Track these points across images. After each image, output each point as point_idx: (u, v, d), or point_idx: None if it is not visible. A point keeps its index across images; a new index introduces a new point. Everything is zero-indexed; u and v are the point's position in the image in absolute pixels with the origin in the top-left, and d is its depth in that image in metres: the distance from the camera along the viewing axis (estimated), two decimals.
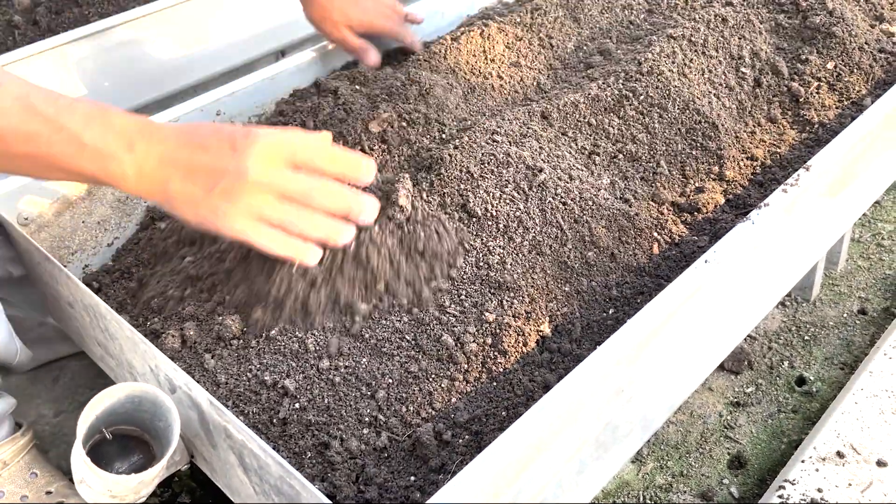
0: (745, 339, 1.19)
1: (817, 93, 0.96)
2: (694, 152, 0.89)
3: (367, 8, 1.07)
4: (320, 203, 0.68)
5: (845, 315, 1.23)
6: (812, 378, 1.09)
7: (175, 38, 1.50)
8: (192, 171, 0.67)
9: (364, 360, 0.72)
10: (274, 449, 0.64)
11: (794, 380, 1.08)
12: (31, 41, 1.55)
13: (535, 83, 0.98)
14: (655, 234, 0.82)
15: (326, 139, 0.69)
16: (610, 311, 0.78)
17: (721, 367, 1.11)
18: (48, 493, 0.83)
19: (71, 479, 0.63)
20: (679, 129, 0.89)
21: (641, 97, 0.90)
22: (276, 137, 0.67)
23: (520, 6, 1.08)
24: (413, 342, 0.73)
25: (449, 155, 0.82)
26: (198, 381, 0.71)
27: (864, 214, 1.43)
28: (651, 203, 0.84)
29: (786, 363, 1.13)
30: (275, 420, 0.71)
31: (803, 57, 0.97)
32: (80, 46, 1.36)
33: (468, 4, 1.40)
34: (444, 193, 0.80)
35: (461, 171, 0.81)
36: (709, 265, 0.69)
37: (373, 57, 1.06)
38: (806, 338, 1.19)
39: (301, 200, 0.67)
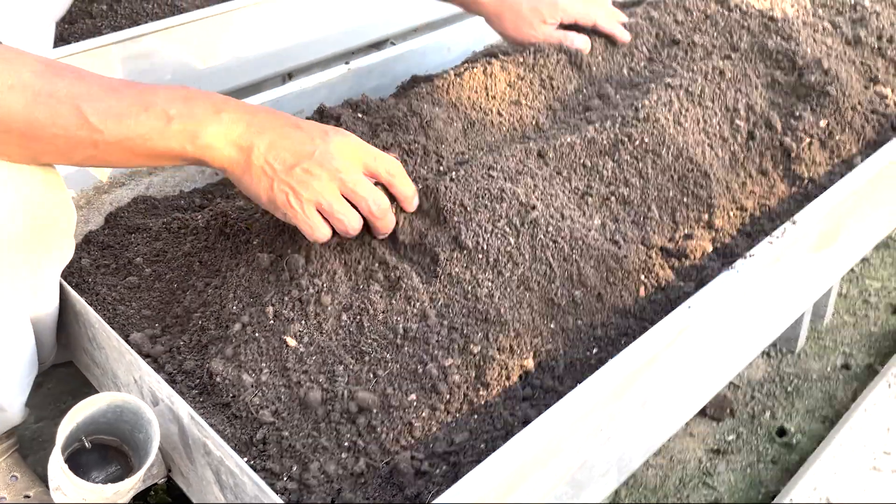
0: (728, 387, 1.19)
1: (809, 149, 0.98)
2: (685, 199, 0.90)
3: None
4: (367, 209, 0.75)
5: (829, 369, 1.24)
6: (793, 430, 1.09)
7: (183, 55, 1.52)
8: (280, 143, 0.71)
9: (348, 385, 0.73)
10: (251, 468, 0.64)
11: (775, 430, 1.09)
12: None
13: (534, 122, 1.00)
14: (642, 277, 0.83)
15: (399, 163, 0.78)
16: (594, 351, 0.79)
17: (703, 414, 1.11)
18: (26, 496, 0.83)
19: (48, 486, 0.63)
20: (672, 175, 0.91)
21: (636, 142, 0.92)
22: (362, 141, 0.76)
23: (514, 49, 1.11)
24: (397, 370, 0.74)
25: (445, 186, 0.83)
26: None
27: (852, 270, 1.45)
28: (640, 246, 0.86)
29: (767, 413, 1.13)
30: (254, 439, 0.71)
31: (797, 113, 1.00)
32: (90, 58, 1.38)
33: (474, 41, 1.44)
34: (437, 223, 0.81)
35: (455, 203, 0.82)
36: (691, 311, 0.70)
37: (580, 41, 1.07)
38: (789, 389, 1.20)
39: (353, 200, 0.74)
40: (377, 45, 1.96)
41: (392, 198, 0.79)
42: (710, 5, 1.18)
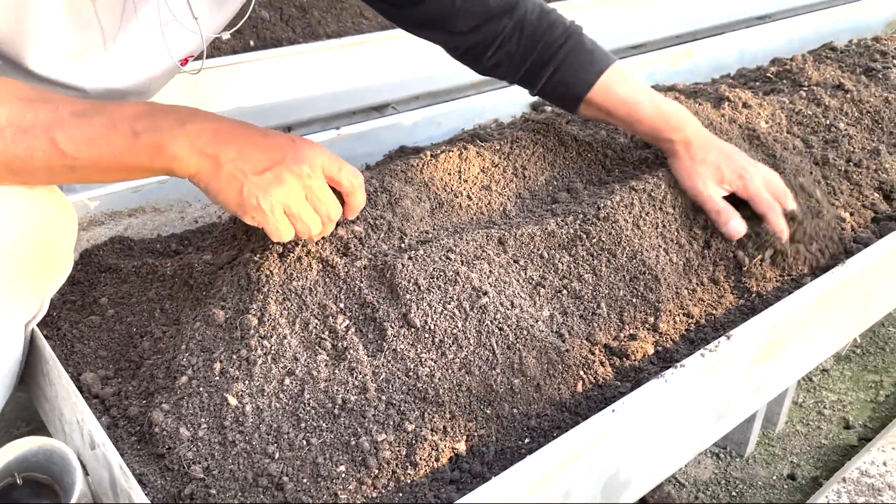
0: (672, 485, 1.20)
1: (760, 265, 1.01)
2: (634, 300, 0.93)
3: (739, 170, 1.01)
4: (324, 216, 0.81)
5: (775, 477, 1.25)
6: None
7: (188, 101, 1.58)
8: (249, 150, 0.74)
9: (280, 449, 0.75)
10: None
11: None
12: None
13: (501, 208, 1.04)
14: (582, 372, 0.85)
15: (361, 175, 0.84)
16: (525, 441, 0.81)
17: None
18: None
19: None
20: (624, 275, 0.94)
21: (594, 240, 0.95)
22: (328, 152, 0.80)
23: (500, 134, 1.15)
24: (331, 440, 0.76)
25: (402, 264, 0.87)
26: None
27: (810, 380, 1.47)
28: (584, 342, 0.88)
29: None
30: (182, 494, 0.73)
31: (756, 229, 1.03)
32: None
33: (465, 119, 1.49)
34: (390, 299, 0.84)
35: (409, 281, 0.85)
36: (615, 415, 0.72)
37: (737, 226, 0.99)
38: (733, 493, 1.21)
39: (315, 206, 0.79)
40: (379, 109, 2.02)
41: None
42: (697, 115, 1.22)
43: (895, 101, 1.45)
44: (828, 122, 1.37)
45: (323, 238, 0.89)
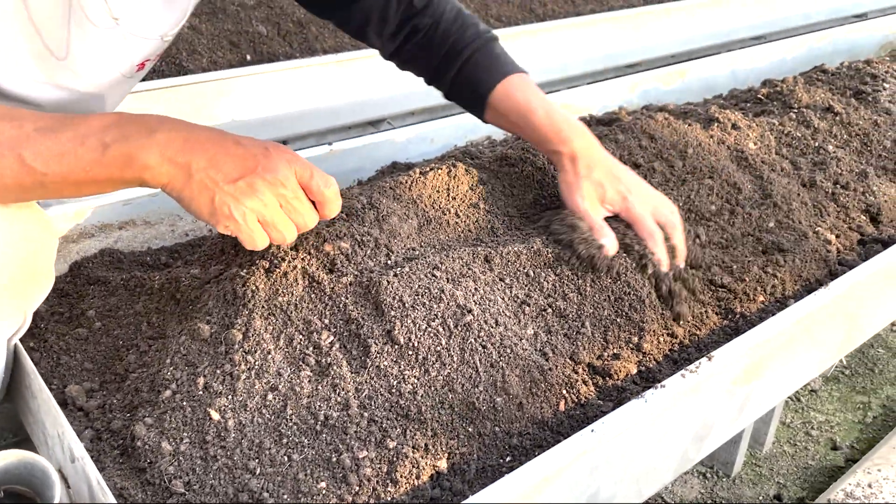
0: None
1: (744, 285, 1.02)
2: (618, 320, 0.94)
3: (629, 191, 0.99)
4: (297, 219, 0.80)
5: (761, 497, 1.25)
6: None
7: (184, 115, 1.59)
8: (221, 158, 0.73)
9: (261, 465, 0.75)
10: None
11: None
12: None
13: (489, 226, 1.05)
14: (564, 391, 0.86)
15: (334, 182, 0.82)
16: (507, 459, 0.81)
17: None
18: None
19: None
20: (609, 296, 0.95)
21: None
22: (302, 159, 0.79)
23: (492, 151, 1.16)
24: (312, 456, 0.76)
25: (387, 281, 0.87)
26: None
27: (798, 400, 1.47)
28: (568, 360, 0.89)
29: None
30: None
31: (739, 247, 1.04)
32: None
33: (457, 136, 1.50)
34: (375, 315, 0.85)
35: (394, 298, 0.86)
36: (595, 434, 0.73)
37: (609, 244, 0.96)
38: None
39: (289, 214, 0.78)
40: (374, 124, 2.04)
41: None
42: (685, 135, 1.24)
43: (884, 124, 1.47)
44: (816, 144, 1.39)
45: (309, 254, 0.89)
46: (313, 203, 0.82)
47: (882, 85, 1.62)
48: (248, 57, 1.93)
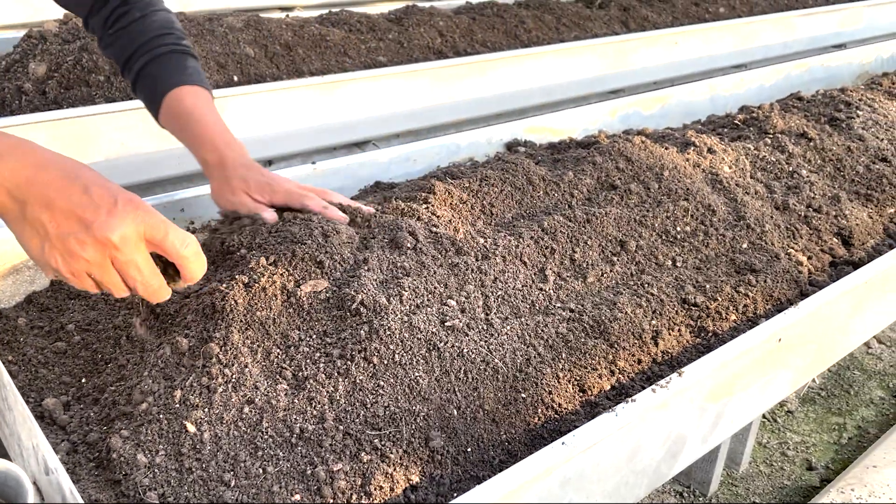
0: None
1: (717, 305, 1.04)
2: (595, 337, 0.95)
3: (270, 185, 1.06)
4: (135, 289, 0.75)
5: None
6: None
7: (161, 132, 1.61)
8: (59, 206, 0.69)
9: (236, 477, 0.76)
10: None
11: None
12: (36, 110, 1.66)
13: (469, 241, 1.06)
14: (540, 407, 0.87)
15: (193, 240, 0.76)
16: (481, 473, 0.82)
17: None
18: None
19: None
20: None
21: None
22: (155, 217, 0.72)
23: (472, 172, 1.18)
24: (287, 468, 0.77)
25: (365, 297, 0.88)
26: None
27: (775, 421, 1.49)
28: (545, 377, 0.90)
29: None
30: None
31: (714, 267, 1.06)
32: (75, 125, 1.46)
33: (440, 157, 1.52)
34: (354, 328, 0.86)
35: (372, 312, 0.87)
36: (565, 447, 0.74)
37: (269, 217, 1.03)
38: None
39: (123, 277, 0.73)
40: (360, 145, 2.06)
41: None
42: (662, 158, 1.26)
43: (857, 150, 1.50)
44: (791, 168, 1.42)
45: (286, 270, 0.91)
46: (167, 263, 0.77)
47: (856, 112, 1.66)
48: (236, 78, 1.95)
